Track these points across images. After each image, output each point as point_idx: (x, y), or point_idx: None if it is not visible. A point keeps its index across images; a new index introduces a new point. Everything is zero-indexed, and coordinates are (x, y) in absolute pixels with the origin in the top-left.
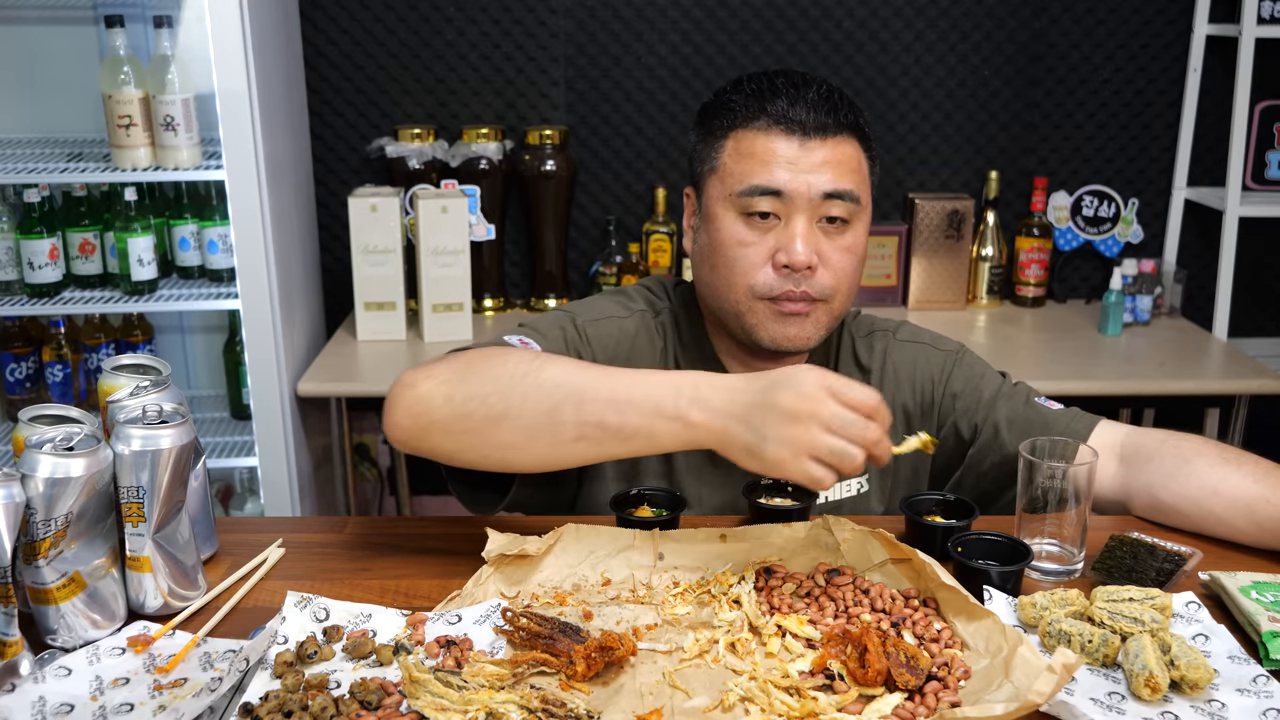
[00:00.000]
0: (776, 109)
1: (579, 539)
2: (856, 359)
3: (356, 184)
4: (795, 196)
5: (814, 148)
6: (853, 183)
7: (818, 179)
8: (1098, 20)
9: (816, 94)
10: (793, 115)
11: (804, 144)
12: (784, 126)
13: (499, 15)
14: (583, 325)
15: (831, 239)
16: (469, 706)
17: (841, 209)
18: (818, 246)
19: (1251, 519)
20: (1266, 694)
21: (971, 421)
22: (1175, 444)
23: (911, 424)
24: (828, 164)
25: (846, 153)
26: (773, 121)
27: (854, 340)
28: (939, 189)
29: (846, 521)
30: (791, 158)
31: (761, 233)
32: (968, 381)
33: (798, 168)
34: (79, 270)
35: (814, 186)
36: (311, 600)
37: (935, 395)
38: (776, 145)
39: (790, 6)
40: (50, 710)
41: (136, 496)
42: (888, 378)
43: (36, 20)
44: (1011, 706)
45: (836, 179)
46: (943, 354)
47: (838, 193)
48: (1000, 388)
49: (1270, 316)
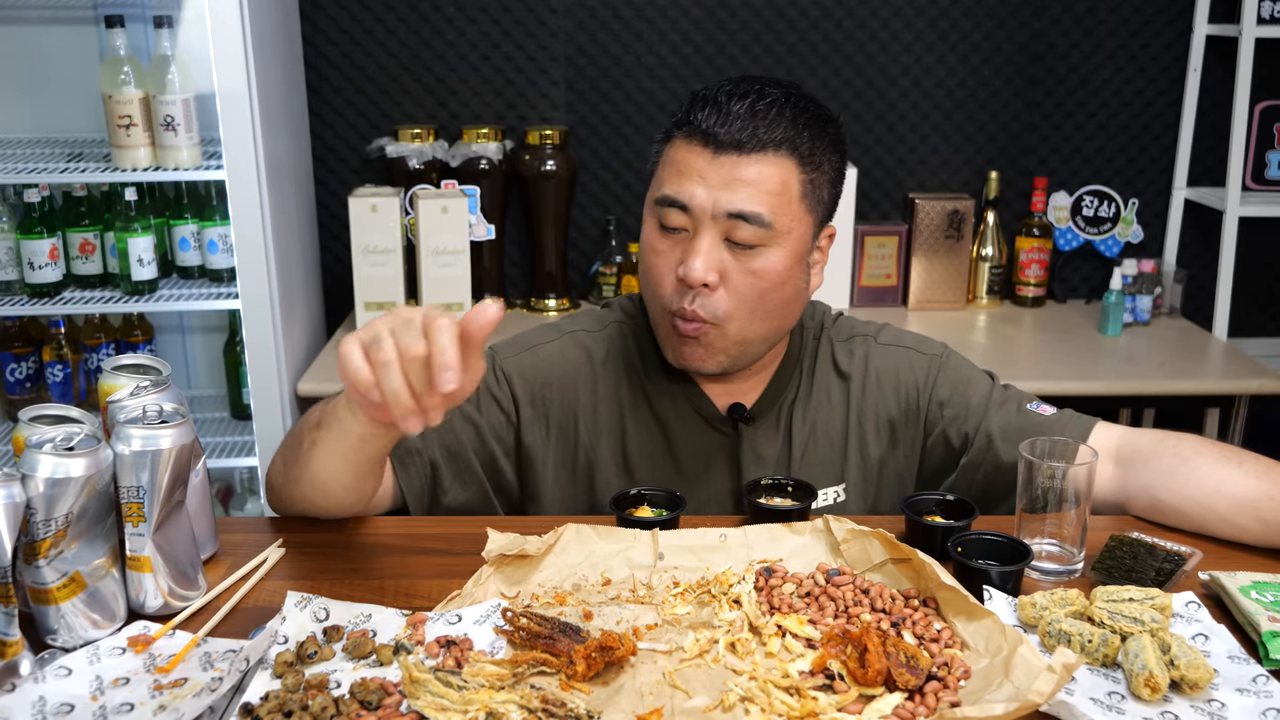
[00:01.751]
0: (700, 119)
1: (579, 539)
2: (836, 365)
3: (356, 184)
4: (699, 212)
5: (726, 164)
6: (764, 205)
7: (723, 196)
8: (1098, 20)
9: (749, 107)
10: (710, 128)
11: (715, 159)
12: (701, 139)
13: (499, 15)
14: (500, 364)
15: (739, 260)
16: (469, 706)
17: (747, 233)
18: (722, 265)
19: (1256, 516)
20: (1266, 694)
21: (961, 430)
22: (1173, 444)
23: (895, 431)
24: (737, 182)
25: (765, 173)
26: (694, 132)
27: (833, 346)
28: (939, 189)
29: (846, 521)
30: (702, 171)
31: (672, 244)
32: (954, 388)
33: (706, 183)
34: (79, 270)
35: (719, 204)
36: (311, 600)
37: (920, 403)
38: (692, 157)
39: (790, 6)
40: (50, 710)
41: (136, 496)
42: (870, 384)
43: (36, 20)
44: (1011, 706)
45: (742, 199)
46: (926, 358)
47: (741, 214)
48: (990, 393)
49: (1270, 316)
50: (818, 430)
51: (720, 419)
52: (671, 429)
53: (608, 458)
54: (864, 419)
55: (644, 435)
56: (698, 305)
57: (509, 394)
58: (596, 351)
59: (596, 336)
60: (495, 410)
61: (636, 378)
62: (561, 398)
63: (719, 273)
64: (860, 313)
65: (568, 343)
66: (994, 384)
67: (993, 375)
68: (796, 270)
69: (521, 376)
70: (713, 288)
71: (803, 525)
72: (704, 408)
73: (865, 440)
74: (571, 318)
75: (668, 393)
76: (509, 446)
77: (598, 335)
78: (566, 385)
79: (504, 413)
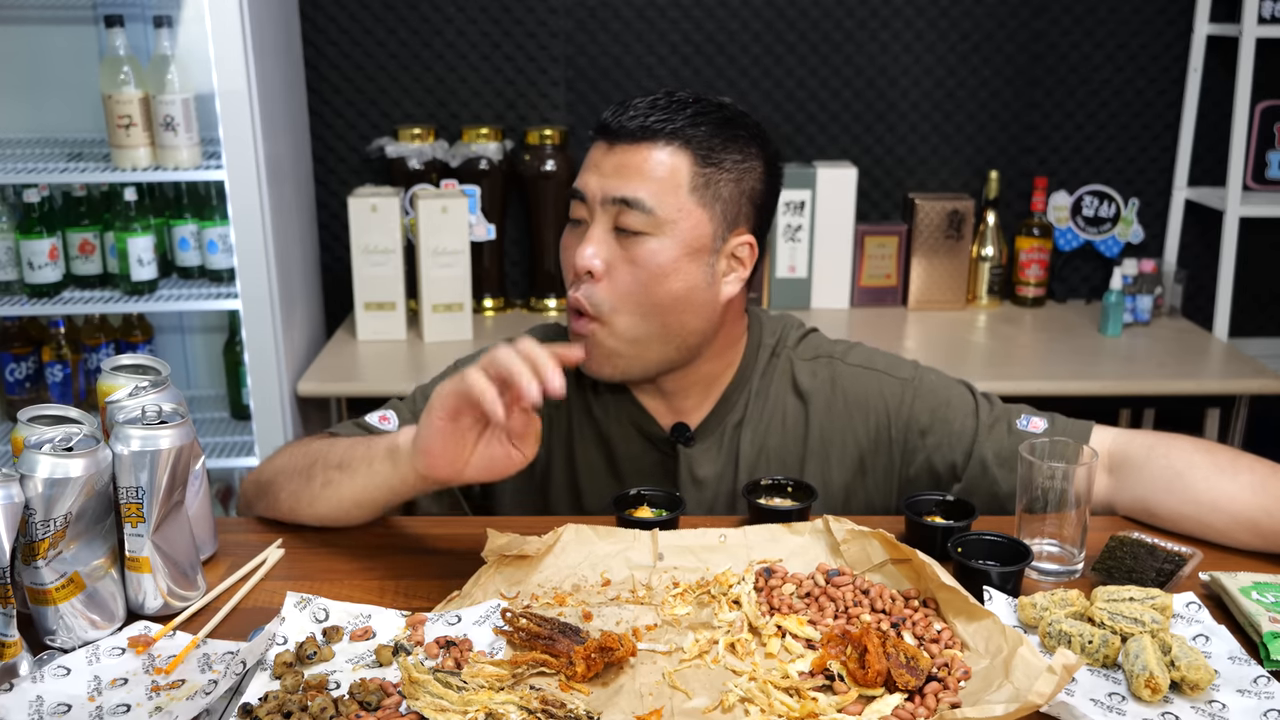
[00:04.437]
0: (608, 116)
1: (579, 539)
2: (795, 384)
3: (356, 184)
4: (591, 200)
5: (619, 152)
6: (646, 191)
7: (611, 183)
8: (1098, 20)
9: (650, 103)
10: (610, 121)
11: (611, 149)
12: (603, 133)
13: (499, 15)
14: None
15: (625, 248)
16: (468, 707)
17: (631, 219)
18: (609, 255)
19: (1254, 532)
20: (1267, 695)
21: (948, 459)
22: (1164, 451)
23: (863, 458)
24: (625, 169)
25: (655, 160)
26: (599, 128)
27: (793, 364)
28: (939, 189)
29: (846, 522)
30: (598, 162)
31: (576, 237)
32: (934, 413)
33: (600, 171)
34: (79, 270)
35: (605, 190)
36: (311, 601)
37: (893, 432)
38: (595, 152)
39: (790, 6)
40: (47, 710)
41: (136, 497)
42: (836, 406)
43: (36, 20)
44: (1012, 707)
45: (626, 185)
46: (899, 383)
47: (624, 199)
48: (976, 413)
49: (1270, 316)
50: (769, 452)
51: (662, 439)
52: (615, 446)
53: (559, 475)
54: (828, 444)
55: (590, 451)
56: (582, 294)
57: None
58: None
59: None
60: None
61: (584, 393)
62: None
63: (605, 261)
64: (860, 313)
65: None
66: (976, 401)
67: (970, 387)
68: (686, 266)
69: None
70: (597, 276)
71: (802, 525)
72: (646, 426)
73: (828, 466)
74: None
75: (613, 410)
76: None
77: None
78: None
79: None
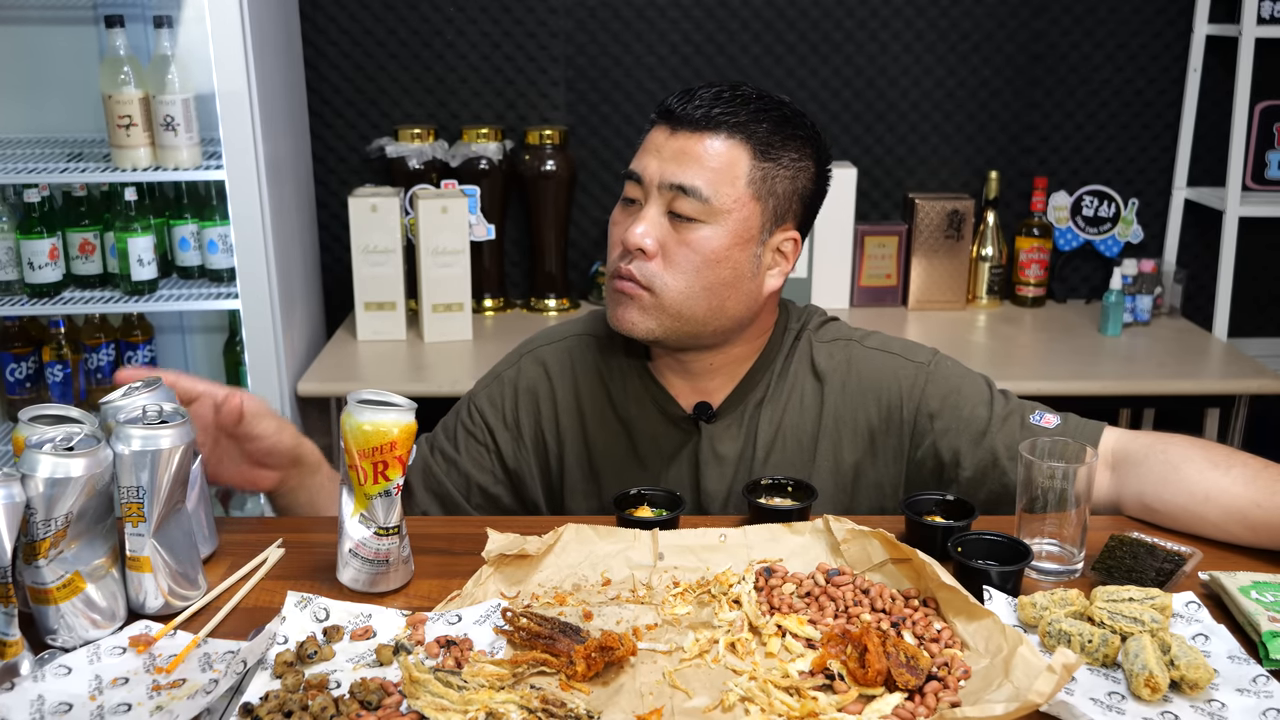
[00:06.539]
0: (671, 102)
1: (579, 539)
2: (813, 366)
3: (356, 184)
4: (648, 182)
5: (679, 139)
6: (704, 180)
7: (670, 169)
8: (1098, 20)
9: (715, 95)
10: (674, 108)
11: (673, 135)
12: (666, 119)
13: (499, 15)
14: (472, 402)
15: (678, 232)
16: (469, 706)
17: (686, 205)
18: (663, 236)
19: (1245, 524)
20: (1266, 694)
21: (954, 445)
22: (1162, 448)
23: (874, 438)
24: (685, 157)
25: (713, 150)
26: (661, 113)
27: (812, 346)
28: (939, 189)
29: (846, 521)
30: (659, 146)
31: (628, 215)
32: (945, 399)
33: (660, 156)
34: (79, 270)
35: (664, 175)
36: (311, 600)
37: (905, 413)
38: (656, 135)
39: (790, 6)
40: (48, 709)
41: (136, 496)
42: (850, 387)
43: (36, 20)
44: (1011, 706)
45: (685, 173)
46: (914, 366)
47: (681, 186)
48: (990, 405)
49: (1270, 316)
50: (785, 431)
51: (684, 417)
52: (635, 430)
53: (574, 463)
54: (840, 423)
55: (608, 439)
56: (634, 266)
57: (483, 425)
58: (552, 364)
59: (552, 349)
60: (473, 445)
61: (599, 383)
62: (527, 413)
63: (658, 242)
64: (860, 313)
65: (526, 362)
66: (992, 393)
67: (988, 380)
68: (738, 255)
69: (490, 405)
70: (649, 254)
71: (803, 525)
72: (668, 407)
73: (840, 444)
74: (531, 338)
75: (633, 395)
76: (498, 474)
77: (554, 347)
78: (528, 401)
79: (481, 444)
